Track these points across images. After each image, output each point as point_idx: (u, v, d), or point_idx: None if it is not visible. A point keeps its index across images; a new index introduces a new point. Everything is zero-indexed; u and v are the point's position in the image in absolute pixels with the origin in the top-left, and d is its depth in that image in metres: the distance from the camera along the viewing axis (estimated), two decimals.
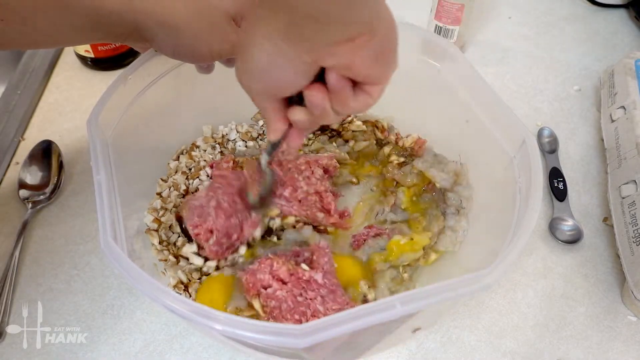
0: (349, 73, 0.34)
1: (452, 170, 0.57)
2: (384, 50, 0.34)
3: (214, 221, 0.49)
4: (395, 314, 0.34)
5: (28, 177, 0.60)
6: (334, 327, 0.32)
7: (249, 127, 0.65)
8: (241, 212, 0.50)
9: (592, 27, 0.90)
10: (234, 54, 0.47)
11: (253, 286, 0.45)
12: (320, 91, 0.35)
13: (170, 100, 0.56)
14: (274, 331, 0.32)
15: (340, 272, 0.49)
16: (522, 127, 0.46)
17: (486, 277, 0.36)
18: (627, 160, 0.59)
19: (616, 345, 0.51)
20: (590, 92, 0.77)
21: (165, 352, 0.49)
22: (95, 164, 0.42)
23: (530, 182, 0.42)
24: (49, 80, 0.75)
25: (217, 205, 0.49)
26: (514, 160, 0.46)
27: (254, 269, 0.46)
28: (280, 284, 0.44)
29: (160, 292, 0.35)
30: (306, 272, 0.45)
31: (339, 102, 0.36)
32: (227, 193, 0.50)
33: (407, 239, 0.51)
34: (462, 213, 0.55)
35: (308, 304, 0.44)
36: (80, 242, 0.56)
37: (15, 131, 0.67)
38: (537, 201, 0.40)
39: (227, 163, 0.56)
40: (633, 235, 0.53)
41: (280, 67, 0.34)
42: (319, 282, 0.45)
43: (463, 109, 0.53)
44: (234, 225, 0.50)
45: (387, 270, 0.51)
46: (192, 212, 0.50)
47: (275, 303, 0.44)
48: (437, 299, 0.35)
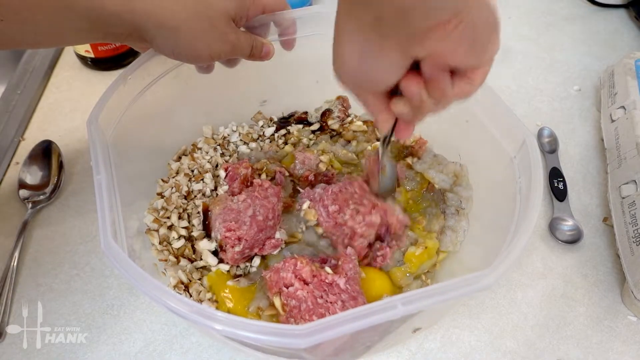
0: (444, 61, 0.33)
1: (452, 171, 0.57)
2: (477, 33, 0.32)
3: (247, 231, 0.49)
4: (396, 314, 0.34)
5: (28, 177, 0.60)
6: (335, 328, 0.32)
7: (250, 127, 0.65)
8: (269, 230, 0.50)
9: (592, 27, 0.90)
10: (233, 54, 0.47)
11: (275, 284, 0.45)
12: (414, 82, 0.35)
13: (170, 101, 0.56)
14: (275, 332, 0.32)
15: (369, 284, 0.49)
16: (522, 127, 0.46)
17: (487, 277, 0.36)
18: (627, 160, 0.59)
19: (616, 345, 0.51)
20: (590, 92, 0.77)
21: (165, 352, 0.49)
22: (95, 164, 0.42)
23: (531, 182, 0.42)
24: (49, 80, 0.75)
25: (253, 215, 0.49)
26: (514, 160, 0.46)
27: (278, 267, 0.46)
28: (302, 283, 0.44)
29: (161, 292, 0.35)
30: (329, 275, 0.45)
31: (436, 91, 0.35)
32: (263, 206, 0.50)
33: (421, 249, 0.51)
34: (462, 213, 0.55)
35: (328, 307, 0.44)
36: (80, 242, 0.56)
37: (15, 131, 0.67)
38: (537, 201, 0.40)
39: (246, 169, 0.55)
40: (633, 235, 0.53)
41: (373, 60, 0.34)
42: (341, 287, 0.45)
43: (463, 109, 0.53)
44: (259, 240, 0.50)
45: (413, 283, 0.51)
46: (228, 214, 0.50)
47: (295, 302, 0.43)
48: (438, 299, 0.35)
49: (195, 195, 0.56)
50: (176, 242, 0.52)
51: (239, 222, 0.49)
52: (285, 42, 0.54)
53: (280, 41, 0.54)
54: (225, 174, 0.56)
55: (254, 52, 0.48)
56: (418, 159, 0.60)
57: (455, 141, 0.58)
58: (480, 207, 0.54)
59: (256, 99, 0.66)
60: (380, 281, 0.50)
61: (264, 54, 0.49)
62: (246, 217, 0.49)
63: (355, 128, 0.63)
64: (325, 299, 0.44)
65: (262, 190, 0.51)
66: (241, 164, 0.56)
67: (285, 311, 0.44)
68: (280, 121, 0.66)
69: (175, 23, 0.42)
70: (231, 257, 0.49)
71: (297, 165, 0.58)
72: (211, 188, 0.57)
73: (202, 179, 0.57)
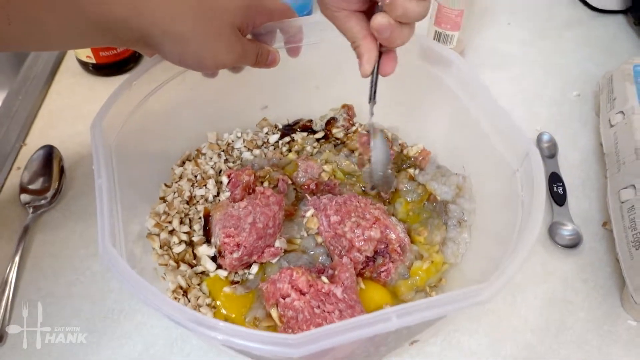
0: None
1: (455, 183, 0.57)
2: None
3: (246, 237, 0.49)
4: (391, 327, 0.33)
5: (29, 182, 0.61)
6: (329, 338, 0.32)
7: (254, 134, 0.65)
8: (269, 238, 0.50)
9: (591, 32, 0.90)
10: (239, 62, 0.47)
11: (272, 295, 0.45)
12: None
13: (174, 106, 0.56)
14: (268, 340, 0.32)
15: (368, 295, 0.49)
16: (525, 139, 0.45)
17: (484, 292, 0.35)
18: (626, 165, 0.60)
19: (616, 349, 0.51)
20: (589, 97, 0.78)
21: (166, 355, 0.49)
22: (97, 168, 0.42)
23: (533, 196, 0.41)
24: (50, 85, 0.75)
25: (253, 222, 0.49)
26: (517, 173, 0.46)
27: (274, 278, 0.45)
28: (299, 294, 0.44)
29: (158, 299, 0.35)
30: (325, 285, 0.45)
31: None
32: (264, 214, 0.50)
33: (428, 263, 0.51)
34: (463, 225, 0.55)
35: (325, 317, 0.43)
36: (81, 246, 0.56)
37: (17, 136, 0.67)
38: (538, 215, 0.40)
39: (248, 176, 0.55)
40: (632, 240, 0.53)
41: None
42: (338, 297, 0.44)
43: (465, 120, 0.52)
44: (258, 247, 0.50)
45: (415, 296, 0.51)
46: (228, 220, 0.50)
47: (292, 313, 0.43)
48: (433, 312, 0.34)
49: (198, 201, 0.57)
50: (177, 246, 0.52)
51: (238, 228, 0.49)
52: (292, 49, 0.54)
53: (286, 49, 0.54)
54: (227, 181, 0.56)
55: (260, 60, 0.48)
56: (421, 170, 0.60)
57: (458, 152, 0.58)
58: (482, 219, 0.54)
59: (259, 105, 0.66)
60: (380, 293, 0.50)
61: (270, 61, 0.50)
62: (246, 223, 0.49)
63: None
64: (323, 309, 0.44)
65: (263, 197, 0.51)
66: (244, 171, 0.56)
67: (282, 322, 0.44)
68: (284, 128, 0.66)
69: (182, 31, 0.42)
70: (229, 263, 0.49)
71: (300, 173, 0.59)
72: (214, 194, 0.57)
73: (205, 185, 0.58)
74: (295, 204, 0.56)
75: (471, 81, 0.51)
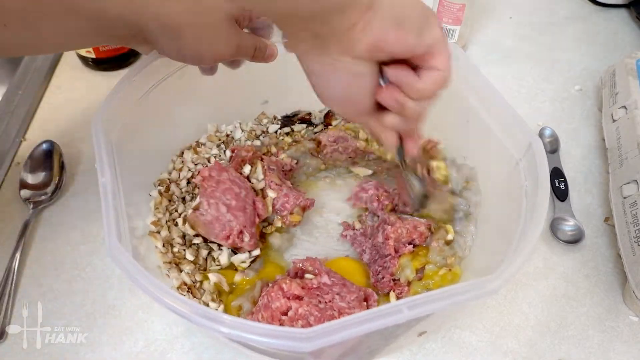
0: (385, 54, 0.35)
1: (465, 174, 0.57)
2: (403, 14, 0.34)
3: (237, 222, 0.50)
4: (402, 319, 0.34)
5: (29, 178, 0.60)
6: (340, 332, 0.32)
7: (253, 124, 0.65)
8: (247, 196, 0.51)
9: (593, 27, 0.90)
10: (237, 55, 0.47)
11: (273, 319, 0.44)
12: (385, 91, 0.37)
13: (175, 101, 0.56)
14: (279, 335, 0.32)
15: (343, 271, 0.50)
16: (528, 130, 0.45)
17: (493, 282, 0.36)
18: (628, 160, 0.59)
19: (618, 345, 0.51)
20: (591, 92, 0.77)
21: (167, 352, 0.49)
22: (100, 165, 0.42)
23: (537, 185, 0.42)
24: (50, 80, 0.75)
25: (228, 207, 0.50)
26: (520, 163, 0.46)
27: (264, 304, 0.45)
28: (298, 300, 0.44)
29: (167, 295, 0.35)
30: (314, 280, 0.46)
31: (408, 89, 0.37)
32: (224, 190, 0.50)
33: (444, 270, 0.50)
34: (470, 218, 0.55)
35: (331, 306, 0.44)
36: (82, 242, 0.56)
37: (17, 132, 0.67)
38: (543, 205, 0.40)
39: (247, 152, 0.57)
40: (634, 235, 0.53)
41: (337, 82, 0.37)
42: (328, 283, 0.46)
43: (468, 112, 0.52)
44: (250, 213, 0.51)
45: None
46: (211, 227, 0.50)
47: (302, 322, 0.43)
48: (443, 304, 0.35)
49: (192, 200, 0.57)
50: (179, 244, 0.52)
51: (223, 224, 0.50)
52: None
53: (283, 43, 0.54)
54: (230, 155, 0.59)
55: (258, 54, 0.48)
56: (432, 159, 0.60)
57: (461, 144, 0.58)
58: (486, 210, 0.54)
59: (259, 100, 0.66)
60: (345, 261, 0.53)
61: (268, 55, 0.49)
62: (224, 215, 0.50)
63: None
64: (324, 301, 0.44)
65: (209, 180, 0.52)
66: (245, 148, 0.59)
67: None
68: (284, 119, 0.66)
69: (179, 25, 0.42)
70: (250, 246, 0.51)
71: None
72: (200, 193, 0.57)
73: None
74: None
75: (473, 74, 0.51)
